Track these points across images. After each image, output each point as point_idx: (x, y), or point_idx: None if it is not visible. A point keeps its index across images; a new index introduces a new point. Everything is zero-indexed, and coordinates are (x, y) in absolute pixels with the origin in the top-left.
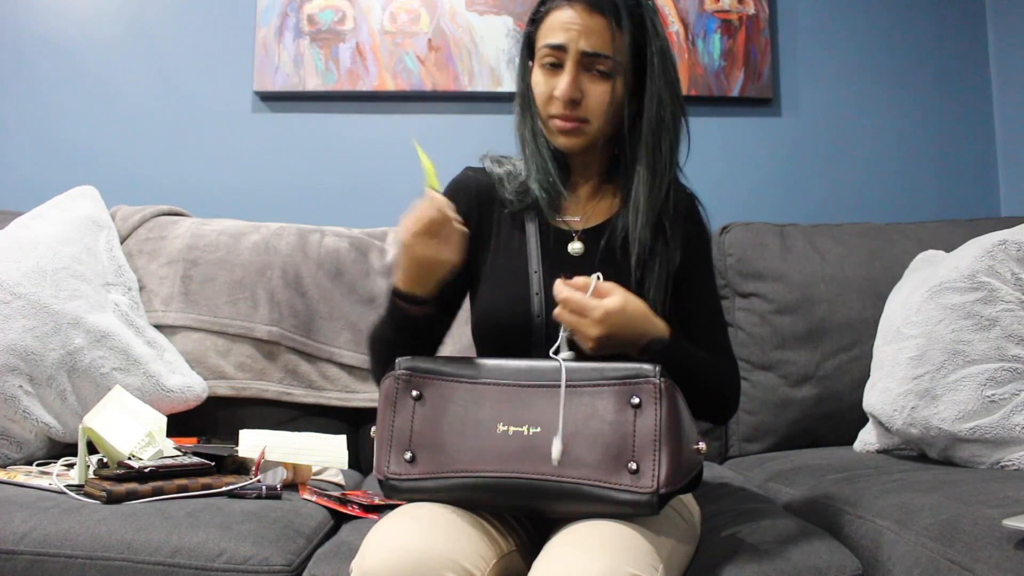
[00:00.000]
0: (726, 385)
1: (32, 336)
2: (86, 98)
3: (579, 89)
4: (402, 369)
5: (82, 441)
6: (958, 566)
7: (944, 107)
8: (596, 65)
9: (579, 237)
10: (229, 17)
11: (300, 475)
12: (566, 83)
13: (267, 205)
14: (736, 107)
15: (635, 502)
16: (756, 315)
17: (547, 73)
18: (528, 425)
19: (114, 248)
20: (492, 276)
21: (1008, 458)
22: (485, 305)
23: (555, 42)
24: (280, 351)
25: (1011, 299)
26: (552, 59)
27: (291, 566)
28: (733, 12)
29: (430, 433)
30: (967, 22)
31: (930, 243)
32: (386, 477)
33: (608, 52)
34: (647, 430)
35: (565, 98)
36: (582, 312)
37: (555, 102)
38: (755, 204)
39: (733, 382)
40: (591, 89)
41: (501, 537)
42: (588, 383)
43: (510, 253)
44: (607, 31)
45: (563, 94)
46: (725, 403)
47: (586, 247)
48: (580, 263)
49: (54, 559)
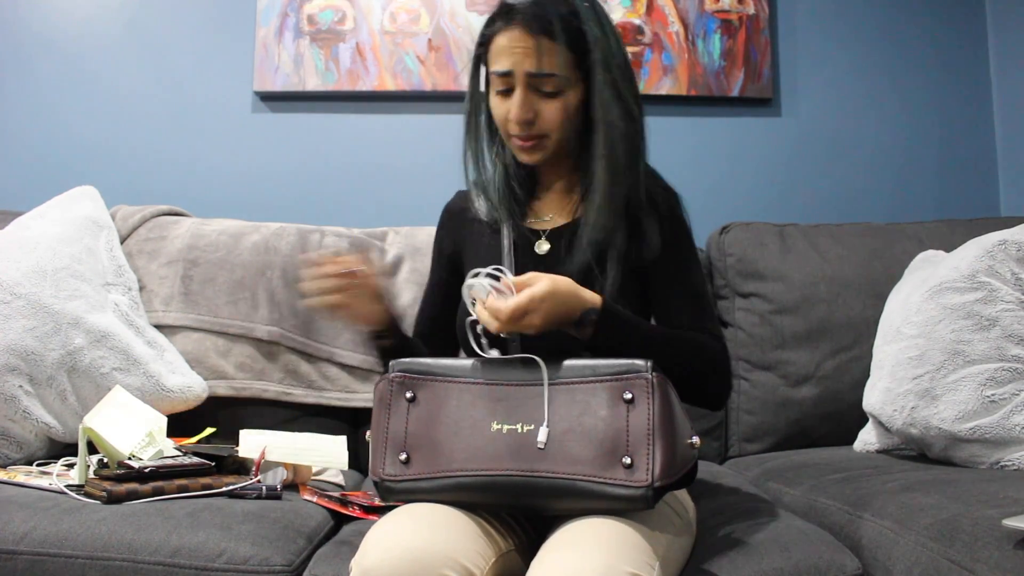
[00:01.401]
0: (702, 359)
1: (32, 336)
2: (86, 98)
3: (531, 109)
4: (396, 371)
5: (82, 441)
6: (958, 566)
7: (944, 107)
8: (543, 85)
9: (546, 237)
10: (229, 17)
11: (300, 475)
12: (516, 106)
13: (267, 205)
14: (736, 107)
15: (630, 496)
16: (756, 315)
17: (501, 98)
18: (522, 423)
19: (114, 248)
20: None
21: (1008, 458)
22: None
23: (501, 69)
24: (280, 351)
25: (1011, 299)
26: (503, 85)
27: (291, 566)
28: (733, 12)
29: (425, 434)
30: (967, 22)
31: (930, 243)
32: (381, 479)
33: (552, 70)
34: (640, 424)
35: (518, 120)
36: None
37: (511, 124)
38: (755, 204)
39: (716, 356)
40: (543, 107)
41: (500, 536)
42: (580, 380)
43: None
44: (547, 49)
45: (516, 117)
46: (705, 379)
47: (552, 246)
48: (547, 262)
49: (54, 559)
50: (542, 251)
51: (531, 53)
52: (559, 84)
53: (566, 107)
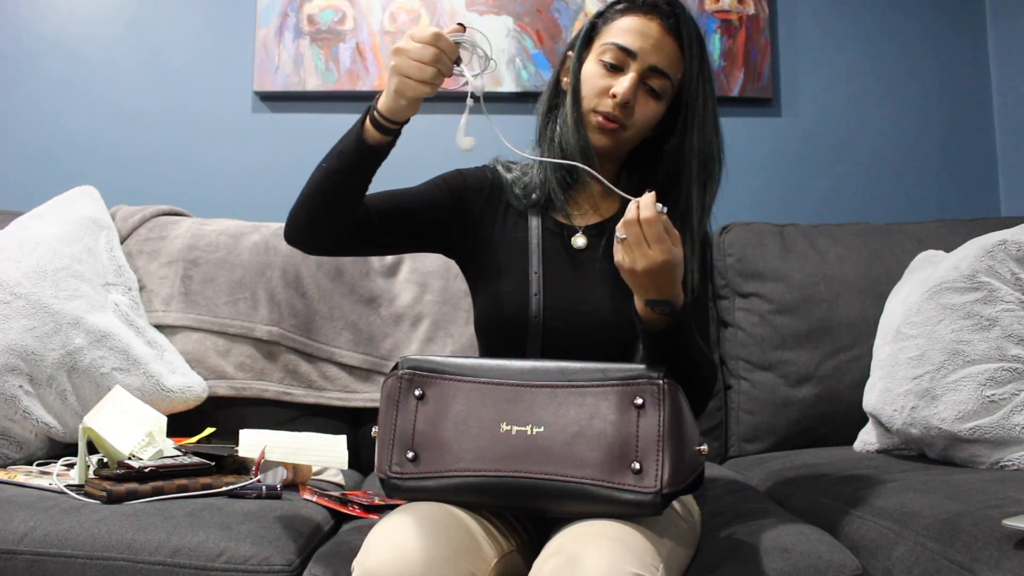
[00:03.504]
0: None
1: (32, 336)
2: (86, 98)
3: (635, 97)
4: (405, 368)
5: (82, 441)
6: (958, 566)
7: (944, 107)
8: (654, 82)
9: (584, 231)
10: (229, 17)
11: (300, 475)
12: (626, 86)
13: (267, 205)
14: (736, 107)
15: (639, 502)
16: (756, 315)
17: (605, 70)
18: (531, 425)
19: (114, 248)
20: (493, 273)
21: (1008, 458)
22: (486, 301)
23: (627, 46)
24: (280, 351)
25: (1011, 299)
26: (615, 60)
27: (291, 566)
28: (733, 12)
29: (432, 432)
30: (967, 22)
31: (930, 243)
32: (388, 476)
33: (671, 72)
34: (650, 430)
35: (623, 100)
36: (658, 238)
37: (606, 100)
38: (755, 204)
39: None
40: (642, 102)
41: (502, 537)
42: (591, 383)
43: (512, 249)
44: (676, 54)
45: (623, 95)
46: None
47: (589, 241)
48: (583, 257)
49: (54, 559)
50: (578, 245)
51: (661, 49)
52: (665, 89)
53: (657, 113)
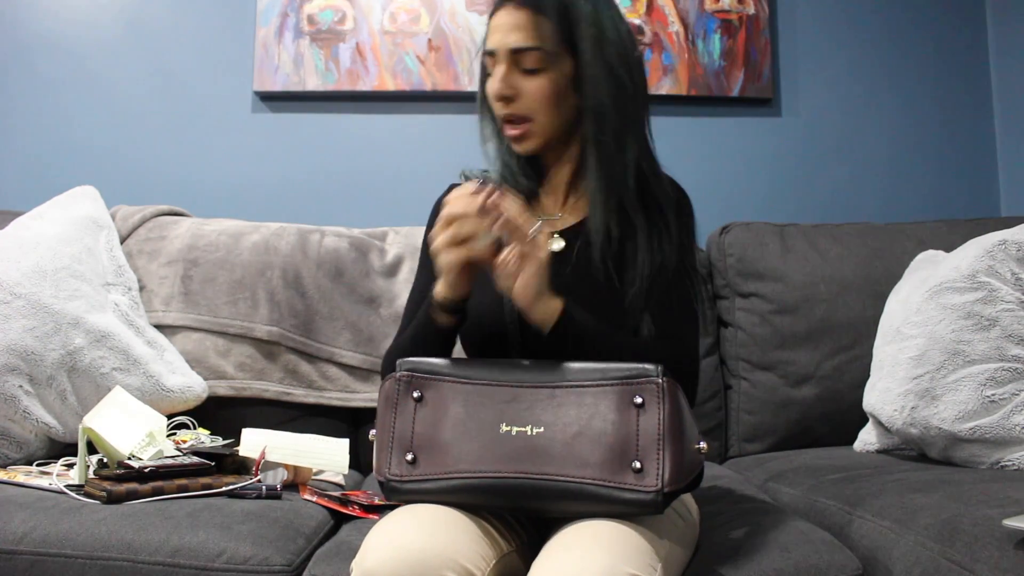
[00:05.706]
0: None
1: (32, 336)
2: (86, 98)
3: (510, 86)
4: (403, 371)
5: (82, 441)
6: (958, 566)
7: (944, 107)
8: (525, 61)
9: (561, 235)
10: (229, 17)
11: (300, 475)
12: (494, 81)
13: (267, 205)
14: (736, 107)
15: (640, 501)
16: (756, 315)
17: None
18: (531, 425)
19: (114, 248)
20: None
21: (1008, 458)
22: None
23: (488, 48)
24: (280, 351)
25: (1011, 299)
26: (490, 66)
27: (291, 566)
28: (733, 12)
29: (431, 434)
30: (967, 22)
31: (930, 243)
32: (387, 479)
33: (533, 43)
34: (650, 429)
35: (496, 95)
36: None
37: (494, 104)
38: (755, 204)
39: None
40: (525, 85)
41: (501, 537)
42: (590, 383)
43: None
44: (531, 22)
45: (493, 91)
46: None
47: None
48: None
49: (54, 559)
50: (554, 248)
51: (516, 28)
52: (541, 60)
53: (551, 85)
